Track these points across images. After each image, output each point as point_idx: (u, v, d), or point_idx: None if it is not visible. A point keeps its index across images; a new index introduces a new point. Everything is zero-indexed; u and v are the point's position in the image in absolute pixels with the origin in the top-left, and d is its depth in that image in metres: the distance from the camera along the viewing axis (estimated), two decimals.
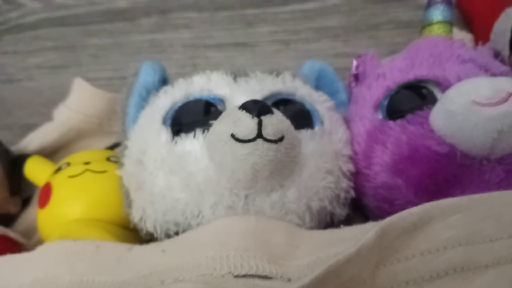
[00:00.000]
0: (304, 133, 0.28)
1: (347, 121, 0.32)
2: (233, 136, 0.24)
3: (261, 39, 0.52)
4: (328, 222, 0.29)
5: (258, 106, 0.25)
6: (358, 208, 0.32)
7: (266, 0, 0.53)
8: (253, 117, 0.24)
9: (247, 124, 0.24)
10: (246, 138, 0.24)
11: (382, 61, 0.37)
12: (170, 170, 0.27)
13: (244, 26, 0.52)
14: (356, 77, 0.36)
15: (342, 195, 0.29)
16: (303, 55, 0.51)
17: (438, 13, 0.35)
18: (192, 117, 0.29)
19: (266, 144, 0.24)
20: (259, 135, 0.24)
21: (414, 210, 0.22)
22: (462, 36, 0.43)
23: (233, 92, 0.29)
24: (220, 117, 0.26)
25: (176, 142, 0.27)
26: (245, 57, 0.51)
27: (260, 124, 0.24)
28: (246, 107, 0.25)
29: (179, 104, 0.29)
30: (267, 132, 0.24)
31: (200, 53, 0.52)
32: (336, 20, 0.52)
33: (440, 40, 0.33)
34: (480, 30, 0.46)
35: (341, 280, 0.20)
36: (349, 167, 0.29)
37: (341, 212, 0.29)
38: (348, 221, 0.30)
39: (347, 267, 0.20)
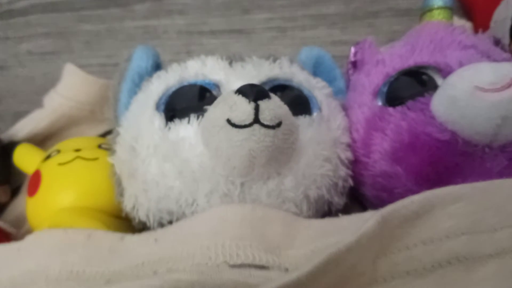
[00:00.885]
0: (302, 120, 0.27)
1: (345, 108, 0.32)
2: (229, 121, 0.24)
3: (257, 26, 0.51)
4: (325, 211, 0.28)
5: (255, 90, 0.24)
6: (356, 197, 0.32)
7: None
8: (249, 101, 0.24)
9: (243, 108, 0.23)
10: (243, 124, 0.23)
11: (381, 48, 0.36)
12: (163, 157, 0.26)
13: (240, 12, 0.51)
14: (354, 64, 0.35)
15: (340, 183, 0.28)
16: (299, 42, 0.50)
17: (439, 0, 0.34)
18: (186, 102, 0.28)
19: (263, 130, 0.23)
20: (256, 120, 0.23)
21: (415, 198, 0.21)
22: (461, 24, 0.43)
23: (228, 77, 0.29)
24: (216, 102, 0.25)
25: (169, 128, 0.27)
26: (240, 44, 0.51)
27: (257, 109, 0.23)
28: (243, 91, 0.24)
29: (173, 89, 0.29)
30: (264, 117, 0.23)
31: (195, 40, 0.51)
32: (334, 7, 0.51)
33: (441, 26, 0.32)
34: (479, 18, 0.45)
35: (341, 269, 0.19)
36: (347, 155, 0.29)
37: (339, 201, 0.29)
38: (345, 210, 0.29)
39: (347, 256, 0.19)
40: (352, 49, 0.36)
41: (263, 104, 0.24)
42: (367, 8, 0.50)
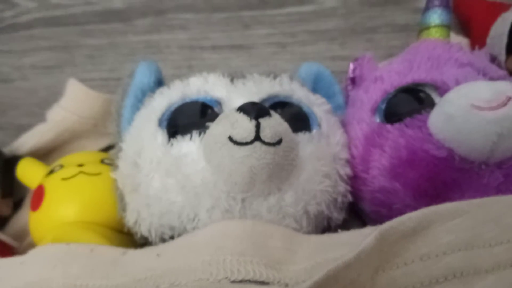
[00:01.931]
0: (302, 136, 0.28)
1: (344, 125, 0.32)
2: (230, 138, 0.24)
3: (258, 41, 0.51)
4: (325, 226, 0.29)
5: (256, 108, 0.25)
6: (354, 212, 0.32)
7: (262, 2, 0.52)
8: (251, 119, 0.24)
9: (245, 126, 0.24)
10: (244, 141, 0.24)
11: (379, 64, 0.37)
12: (166, 172, 0.26)
13: (240, 28, 0.52)
14: (353, 80, 0.36)
15: (340, 199, 0.29)
16: (299, 57, 0.50)
17: (436, 17, 0.35)
18: (189, 119, 0.28)
19: (264, 147, 0.24)
20: (257, 137, 0.24)
21: (413, 215, 0.22)
22: (458, 40, 0.43)
23: (230, 94, 0.29)
24: (218, 119, 0.26)
25: (172, 144, 0.27)
26: (241, 59, 0.51)
27: (258, 126, 0.24)
28: (244, 109, 0.25)
29: (175, 105, 0.29)
30: (265, 134, 0.24)
31: (196, 55, 0.52)
32: (333, 23, 0.51)
33: (438, 43, 0.33)
34: (476, 34, 0.46)
35: (340, 285, 0.19)
36: (346, 170, 0.29)
37: (338, 216, 0.29)
38: (345, 225, 0.30)
39: (346, 272, 0.19)
40: (351, 65, 0.36)
41: (264, 121, 0.24)
42: (365, 24, 0.51)
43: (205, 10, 0.52)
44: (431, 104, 0.28)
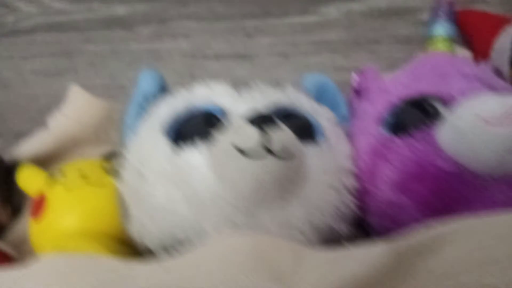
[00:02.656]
0: (308, 148, 0.27)
1: (349, 136, 0.32)
2: (238, 148, 0.24)
3: (260, 51, 0.51)
4: (331, 239, 0.28)
5: (261, 117, 0.24)
6: (360, 224, 0.32)
7: (265, 12, 0.53)
8: (257, 129, 0.24)
9: (251, 135, 0.24)
10: (251, 151, 0.24)
11: (384, 76, 0.37)
12: (171, 183, 0.26)
13: (243, 37, 0.52)
14: (357, 91, 0.36)
15: (345, 211, 0.28)
16: (302, 68, 0.50)
17: (441, 30, 0.35)
18: (194, 128, 0.28)
19: (274, 160, 0.24)
20: (267, 150, 0.24)
21: (426, 232, 0.21)
22: (461, 53, 0.44)
23: (235, 103, 0.29)
24: (224, 129, 0.25)
25: (177, 154, 0.27)
26: (244, 69, 0.51)
27: (265, 137, 0.24)
28: (251, 119, 0.24)
29: (180, 114, 0.29)
30: (275, 148, 0.24)
31: (198, 64, 0.51)
32: (336, 34, 0.51)
33: (444, 56, 0.33)
34: (478, 47, 0.46)
35: None
36: (352, 182, 0.29)
37: (343, 228, 0.29)
38: (350, 238, 0.29)
39: None
40: (355, 76, 0.36)
41: (273, 133, 0.24)
42: (368, 35, 0.51)
43: (208, 19, 0.53)
44: (438, 117, 0.28)
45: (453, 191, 0.26)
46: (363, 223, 0.31)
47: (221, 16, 0.52)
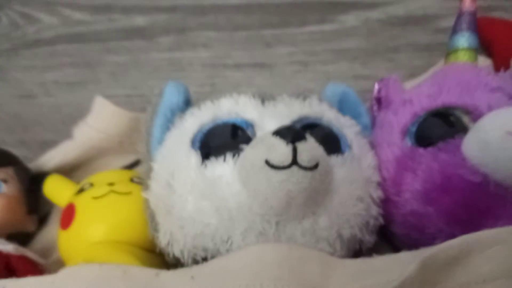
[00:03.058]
0: (334, 159, 0.28)
1: (373, 146, 0.32)
2: (267, 162, 0.24)
3: (280, 60, 0.52)
4: (357, 249, 0.29)
5: (292, 133, 0.25)
6: (384, 235, 0.32)
7: (284, 21, 0.53)
8: (287, 143, 0.24)
9: (282, 151, 0.24)
10: (281, 165, 0.24)
11: (405, 84, 0.37)
12: (200, 194, 0.27)
13: (262, 46, 0.52)
14: (378, 101, 0.36)
15: (372, 222, 0.29)
16: (321, 76, 0.51)
17: (463, 40, 0.35)
18: (221, 140, 0.29)
19: (302, 172, 0.24)
20: (294, 162, 0.24)
21: (454, 243, 0.22)
22: (481, 61, 0.43)
23: (261, 116, 0.29)
24: (253, 143, 0.26)
25: (206, 166, 0.27)
26: (263, 78, 0.51)
27: (295, 150, 0.24)
28: (280, 133, 0.25)
29: (207, 127, 0.29)
30: (302, 159, 0.24)
31: (219, 73, 0.52)
32: (355, 42, 0.52)
33: (467, 67, 0.33)
34: (499, 55, 0.46)
35: None
36: (378, 194, 0.29)
37: (370, 239, 0.29)
38: (375, 248, 0.30)
39: None
40: (376, 86, 0.36)
41: (300, 145, 0.24)
42: (387, 43, 0.51)
43: (227, 28, 0.53)
44: (463, 128, 0.28)
45: (479, 202, 0.26)
46: (386, 232, 0.31)
47: (240, 26, 0.53)
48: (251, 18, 0.53)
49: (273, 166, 0.24)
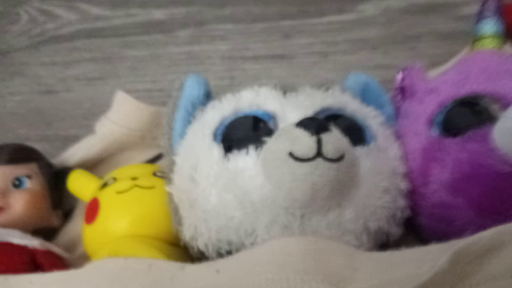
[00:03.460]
0: (360, 150, 0.27)
1: (398, 137, 0.31)
2: (291, 154, 0.24)
3: (299, 51, 0.51)
4: (383, 241, 0.28)
5: (316, 124, 0.24)
6: (409, 226, 0.31)
7: (302, 11, 0.52)
8: (311, 135, 0.24)
9: (306, 142, 0.24)
10: (306, 157, 0.24)
11: (429, 73, 0.36)
12: (224, 187, 0.26)
13: (281, 37, 0.52)
14: (402, 90, 0.35)
15: (398, 214, 0.28)
16: (341, 67, 0.50)
17: (489, 27, 0.34)
18: (243, 133, 0.28)
19: (327, 164, 0.23)
20: (319, 153, 0.24)
21: (486, 234, 0.21)
22: (507, 49, 0.42)
23: (283, 107, 0.29)
24: (276, 135, 0.26)
25: (228, 159, 0.27)
26: (282, 69, 0.51)
27: (319, 142, 0.24)
28: (304, 124, 0.24)
29: (229, 120, 0.29)
30: (327, 150, 0.24)
31: (237, 65, 0.52)
32: (374, 31, 0.51)
33: (494, 54, 0.32)
34: None
35: None
36: (405, 185, 0.29)
37: (397, 231, 0.28)
38: (400, 240, 0.29)
39: None
40: (399, 75, 0.36)
41: (325, 137, 0.24)
42: (407, 32, 0.50)
43: (245, 20, 0.53)
44: (491, 117, 0.27)
45: (508, 192, 0.26)
46: (413, 224, 0.31)
47: (258, 17, 0.52)
48: (269, 10, 0.52)
49: (297, 158, 0.24)
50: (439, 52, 0.49)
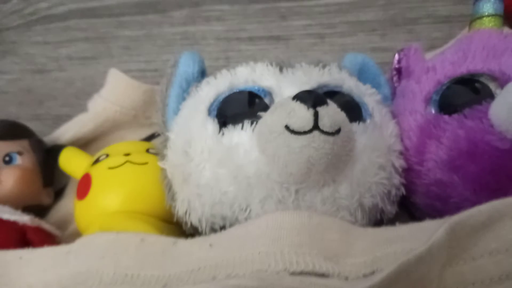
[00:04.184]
0: (356, 126, 0.27)
1: (394, 115, 0.31)
2: (287, 127, 0.23)
3: (295, 32, 0.51)
4: (377, 219, 0.28)
5: (313, 97, 0.24)
6: (404, 205, 0.31)
7: None
8: (308, 108, 0.23)
9: (302, 115, 0.23)
10: (302, 130, 0.23)
11: (426, 55, 0.36)
12: (218, 162, 0.26)
13: (277, 19, 0.51)
14: (399, 71, 0.35)
15: (393, 192, 0.28)
16: (338, 49, 0.49)
17: (489, 6, 0.33)
18: (239, 108, 0.28)
19: (323, 137, 0.23)
20: (315, 126, 0.23)
21: (483, 208, 0.21)
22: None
23: (279, 83, 0.28)
24: (272, 108, 0.25)
25: (223, 134, 0.26)
26: (279, 51, 0.50)
27: (316, 115, 0.23)
28: (301, 97, 0.24)
29: (224, 95, 0.29)
30: (324, 123, 0.23)
31: (233, 46, 0.51)
32: (372, 13, 0.50)
33: (493, 32, 0.32)
34: None
35: (411, 279, 0.19)
36: (401, 162, 0.28)
37: (391, 209, 0.28)
38: (395, 218, 0.29)
39: (418, 266, 0.19)
40: (396, 56, 0.35)
41: (322, 110, 0.24)
42: (406, 15, 0.50)
43: (241, 1, 0.52)
44: (489, 95, 0.27)
45: (507, 169, 0.25)
46: (407, 203, 0.31)
47: None
48: None
49: (293, 131, 0.23)
50: (437, 35, 0.49)
